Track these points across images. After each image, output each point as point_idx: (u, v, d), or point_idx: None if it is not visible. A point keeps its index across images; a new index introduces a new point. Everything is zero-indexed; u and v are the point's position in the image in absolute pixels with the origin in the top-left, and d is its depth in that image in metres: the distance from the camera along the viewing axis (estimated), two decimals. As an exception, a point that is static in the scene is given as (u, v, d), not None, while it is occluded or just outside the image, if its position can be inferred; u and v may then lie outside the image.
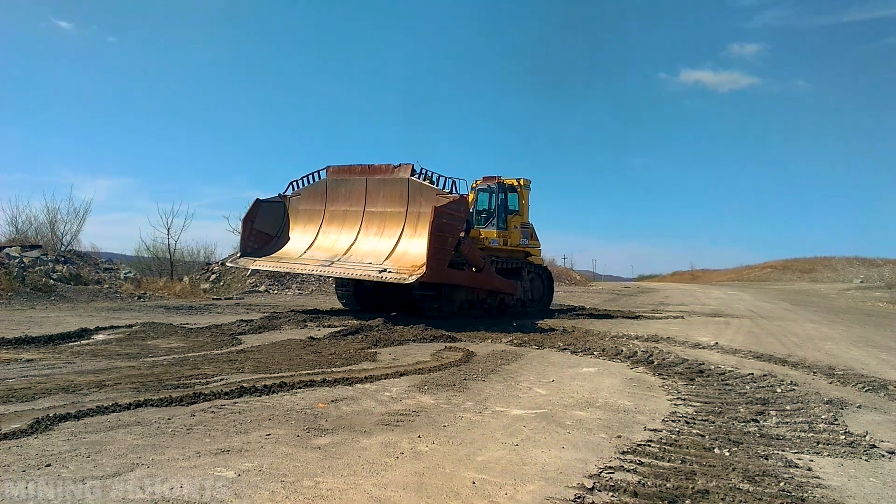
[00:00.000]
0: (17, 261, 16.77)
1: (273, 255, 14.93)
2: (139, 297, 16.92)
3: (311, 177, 15.10)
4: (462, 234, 12.79)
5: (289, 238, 15.30)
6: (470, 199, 16.61)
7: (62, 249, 21.03)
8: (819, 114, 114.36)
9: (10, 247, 18.81)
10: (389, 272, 12.15)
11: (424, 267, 11.56)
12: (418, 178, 13.04)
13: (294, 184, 15.38)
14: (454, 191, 12.71)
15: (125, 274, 20.57)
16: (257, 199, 15.47)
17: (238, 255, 15.52)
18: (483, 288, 14.54)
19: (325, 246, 14.36)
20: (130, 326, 10.48)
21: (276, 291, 21.49)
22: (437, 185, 12.87)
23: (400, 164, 13.50)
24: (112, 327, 10.28)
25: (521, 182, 17.05)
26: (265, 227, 15.42)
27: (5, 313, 12.33)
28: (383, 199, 13.73)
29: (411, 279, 11.58)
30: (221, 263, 23.49)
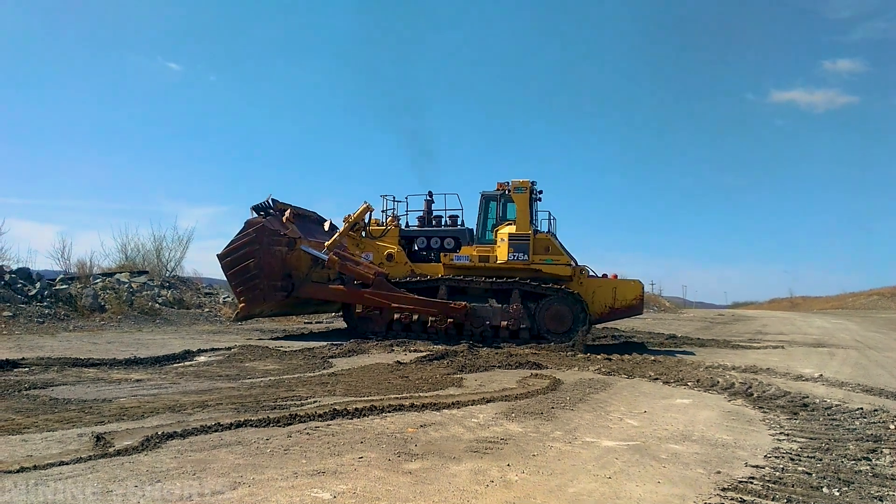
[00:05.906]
0: (126, 286, 17.96)
1: None
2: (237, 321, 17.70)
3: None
4: (290, 248, 13.90)
5: None
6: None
7: (167, 275, 22.35)
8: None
9: (120, 272, 20.18)
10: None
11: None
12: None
13: None
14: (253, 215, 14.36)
15: (224, 298, 21.58)
16: None
17: None
18: (387, 305, 13.64)
19: None
20: (229, 349, 11.00)
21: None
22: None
23: (269, 196, 15.22)
24: (213, 349, 10.84)
25: (513, 184, 13.69)
26: None
27: (115, 335, 13.21)
28: None
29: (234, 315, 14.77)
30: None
